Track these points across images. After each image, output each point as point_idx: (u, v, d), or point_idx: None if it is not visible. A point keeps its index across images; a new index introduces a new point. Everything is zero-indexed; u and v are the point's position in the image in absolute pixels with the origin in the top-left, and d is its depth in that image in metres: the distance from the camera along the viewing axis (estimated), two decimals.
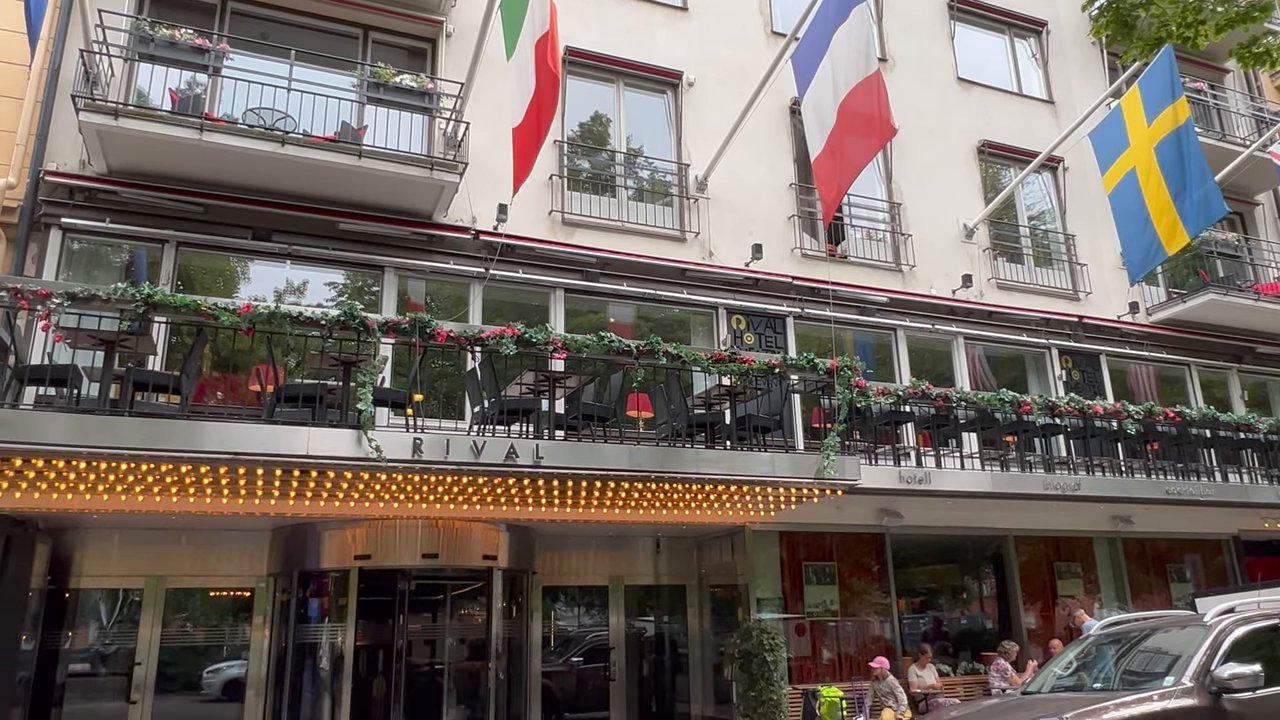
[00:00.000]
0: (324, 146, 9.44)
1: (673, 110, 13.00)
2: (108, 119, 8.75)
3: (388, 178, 9.75)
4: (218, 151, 9.16)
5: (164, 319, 7.89)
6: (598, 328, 11.07)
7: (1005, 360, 13.93)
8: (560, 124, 12.07)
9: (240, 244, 9.95)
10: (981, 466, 10.91)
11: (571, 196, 11.84)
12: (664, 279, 11.87)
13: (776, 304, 12.35)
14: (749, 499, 9.62)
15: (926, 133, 14.24)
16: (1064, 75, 15.95)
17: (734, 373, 9.12)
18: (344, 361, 7.74)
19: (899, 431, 11.32)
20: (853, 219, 13.55)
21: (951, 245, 13.85)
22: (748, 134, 12.32)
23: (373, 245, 10.46)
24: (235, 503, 8.48)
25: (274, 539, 9.97)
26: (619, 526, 10.75)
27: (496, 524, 10.06)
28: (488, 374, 8.52)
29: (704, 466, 8.66)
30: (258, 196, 9.92)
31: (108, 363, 7.40)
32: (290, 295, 10.43)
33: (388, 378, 9.62)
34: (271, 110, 9.44)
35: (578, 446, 8.35)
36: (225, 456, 7.14)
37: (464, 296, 11.01)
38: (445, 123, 10.67)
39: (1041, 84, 15.89)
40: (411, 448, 7.59)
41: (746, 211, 12.66)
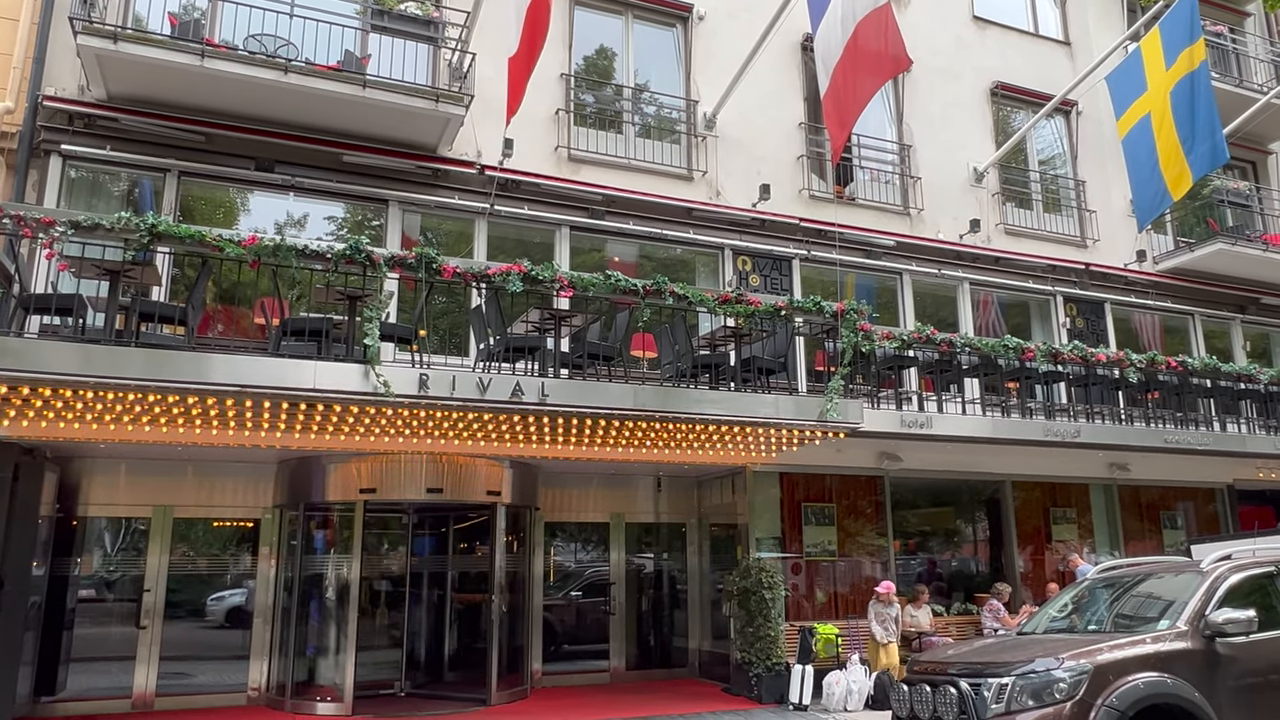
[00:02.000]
0: (327, 75, 9.25)
1: (682, 44, 12.71)
2: (106, 43, 8.54)
3: (392, 109, 9.58)
4: (219, 79, 8.98)
5: (168, 250, 7.79)
6: (601, 266, 11.00)
7: (1011, 307, 13.89)
8: (567, 56, 11.82)
9: (243, 174, 9.82)
10: (983, 412, 10.95)
11: (578, 132, 11.65)
12: (670, 218, 11.76)
13: (783, 246, 12.26)
14: (751, 440, 9.67)
15: (939, 72, 13.95)
16: (1082, 16, 15.56)
17: (740, 314, 9.07)
18: (350, 296, 7.68)
19: (902, 376, 11.34)
20: (861, 160, 13.36)
21: (960, 189, 13.69)
22: (758, 71, 12.07)
23: (377, 178, 10.33)
24: (241, 435, 8.51)
25: (280, 471, 10.04)
26: (621, 465, 10.84)
27: (500, 460, 10.13)
28: (493, 311, 8.48)
29: (708, 407, 8.68)
30: (260, 126, 9.76)
31: (112, 293, 7.34)
32: (290, 228, 10.32)
33: (393, 313, 9.60)
34: (274, 37, 9.23)
35: (583, 385, 8.35)
36: (232, 388, 7.13)
37: (468, 233, 10.91)
38: (451, 53, 10.42)
39: (1059, 24, 15.52)
40: (418, 384, 7.58)
41: (755, 151, 12.48)
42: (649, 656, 11.70)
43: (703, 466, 11.23)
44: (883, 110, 13.65)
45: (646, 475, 11.82)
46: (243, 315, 9.86)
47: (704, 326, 10.92)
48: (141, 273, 7.42)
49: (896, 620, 10.36)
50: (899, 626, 10.43)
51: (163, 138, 9.51)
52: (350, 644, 9.29)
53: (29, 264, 8.43)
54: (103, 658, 9.27)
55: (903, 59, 8.98)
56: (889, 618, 10.30)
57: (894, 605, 10.39)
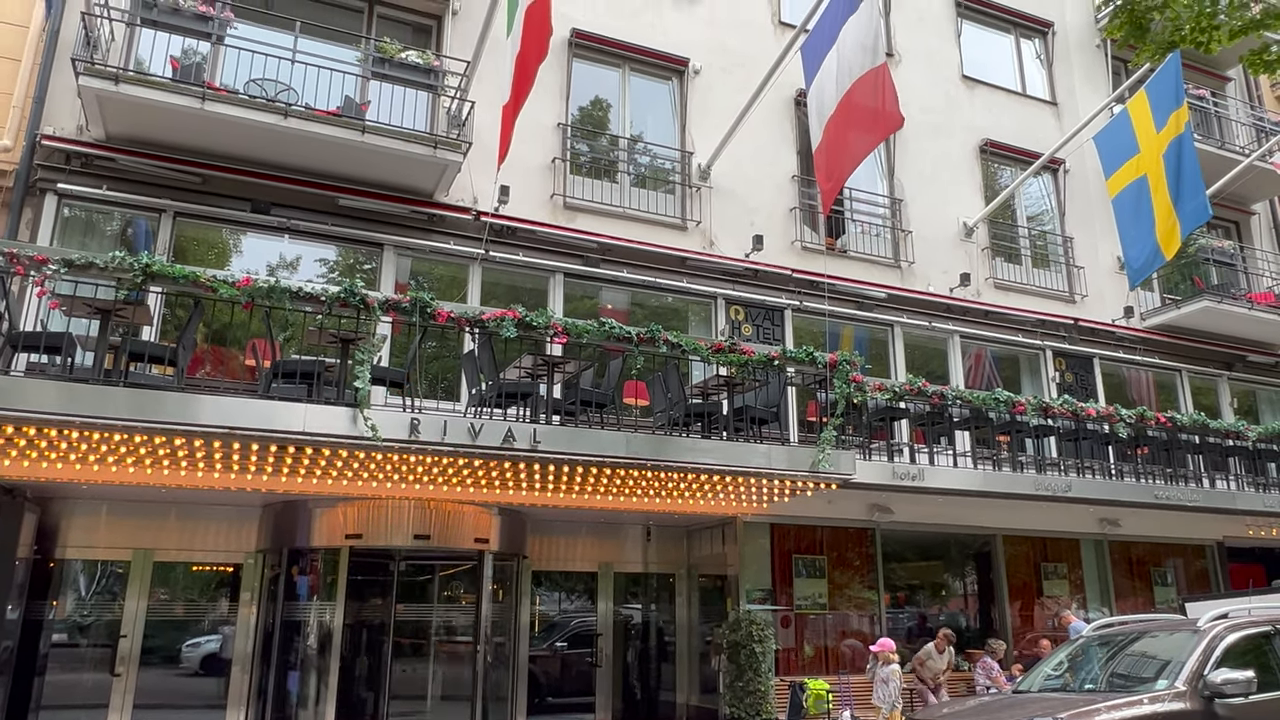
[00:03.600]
0: (326, 121, 9.36)
1: (677, 97, 12.94)
2: (108, 84, 8.64)
3: (390, 154, 9.68)
4: (218, 121, 9.07)
5: (161, 289, 7.80)
6: (595, 313, 11.05)
7: (1000, 360, 13.99)
8: (564, 107, 12.01)
9: (238, 216, 9.87)
10: (974, 465, 10.96)
11: (573, 181, 11.79)
12: (664, 267, 11.85)
13: (775, 296, 12.36)
14: (743, 490, 9.64)
15: (930, 129, 14.23)
16: (1068, 78, 15.97)
17: (733, 363, 9.11)
18: (342, 339, 7.69)
19: (894, 428, 11.36)
20: (854, 213, 13.54)
21: (951, 243, 13.88)
22: (752, 124, 12.29)
23: (372, 222, 10.40)
24: (227, 477, 8.43)
25: (264, 515, 9.92)
26: (611, 514, 10.77)
27: (489, 507, 10.05)
28: (487, 356, 8.49)
29: (700, 456, 8.68)
30: (257, 169, 9.84)
31: (103, 332, 7.32)
32: (283, 270, 10.34)
33: (385, 357, 9.59)
34: (274, 82, 9.35)
35: (575, 432, 8.33)
36: (220, 430, 7.09)
37: (462, 278, 10.95)
38: (450, 101, 10.58)
39: (1045, 85, 15.90)
40: (408, 428, 7.56)
41: (748, 202, 12.64)
42: (635, 710, 11.48)
43: (693, 516, 11.16)
44: (874, 165, 13.88)
45: (636, 524, 11.73)
46: (233, 357, 9.83)
47: (697, 375, 10.96)
48: (133, 312, 7.42)
49: (888, 681, 9.90)
50: (901, 683, 10.00)
51: (159, 178, 9.57)
52: (331, 694, 9.08)
53: (19, 301, 8.40)
54: (75, 706, 9.02)
55: (896, 117, 9.18)
56: (890, 678, 9.77)
57: (893, 664, 9.88)
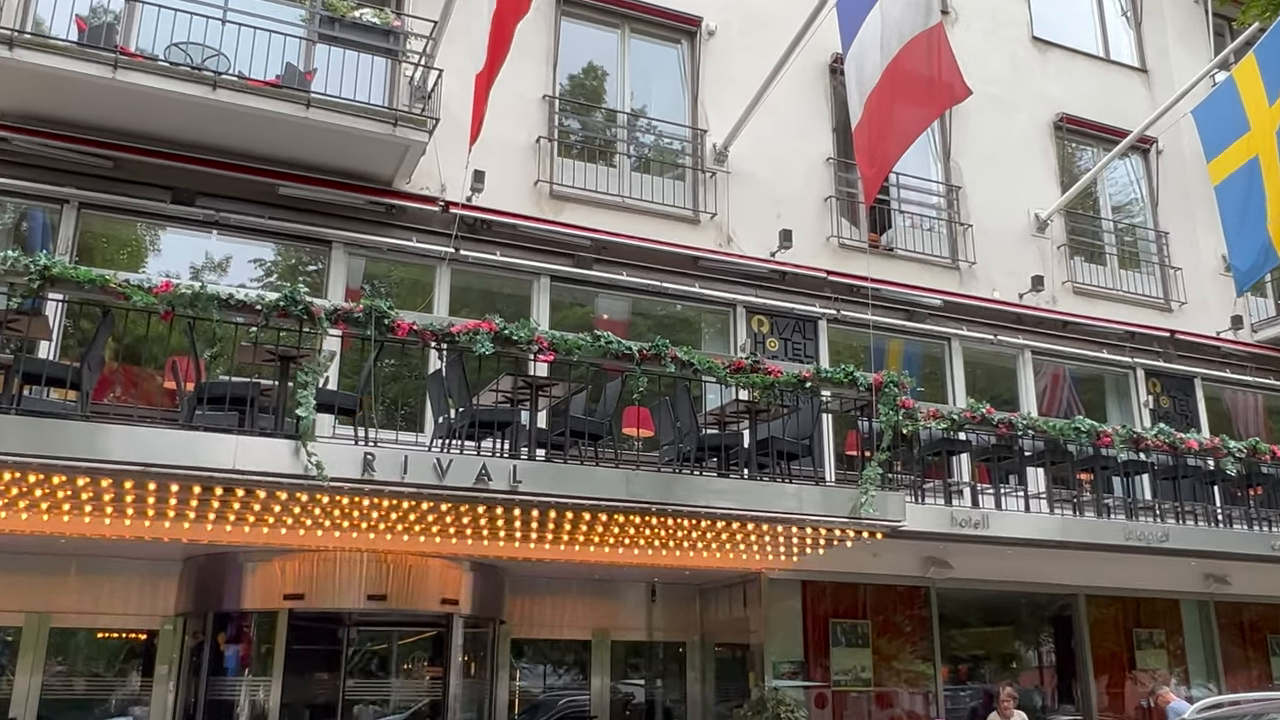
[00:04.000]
0: (264, 93, 9.33)
1: (688, 64, 12.94)
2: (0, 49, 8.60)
3: (340, 133, 9.65)
4: (133, 94, 9.05)
5: (62, 296, 7.72)
6: (588, 325, 10.98)
7: (1081, 381, 13.90)
8: (550, 75, 11.99)
9: (156, 207, 9.85)
10: (1050, 509, 10.84)
11: (562, 164, 11.76)
12: (671, 268, 11.81)
13: (807, 304, 12.31)
14: (768, 540, 9.56)
15: (993, 102, 14.20)
16: (1160, 39, 15.96)
17: (756, 385, 9.04)
18: (282, 356, 7.61)
19: (951, 463, 11.25)
20: (902, 204, 13.49)
21: (1019, 240, 13.83)
22: (778, 96, 12.24)
23: (319, 215, 10.38)
24: (140, 525, 8.36)
25: (185, 571, 9.85)
26: (608, 569, 10.66)
27: (459, 561, 9.97)
28: (457, 377, 8.40)
29: (716, 498, 8.61)
30: (181, 151, 9.83)
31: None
32: (210, 273, 10.30)
33: (333, 378, 9.49)
34: (201, 46, 9.32)
35: (563, 469, 8.25)
36: (134, 467, 7.02)
37: (426, 282, 10.90)
38: (413, 69, 10.54)
39: (1133, 48, 15.90)
40: (361, 464, 7.48)
41: (774, 190, 12.61)
42: None
43: (707, 572, 11.06)
44: (926, 145, 13.85)
45: (638, 582, 11.62)
46: (149, 378, 9.76)
47: (712, 400, 10.86)
48: (28, 324, 7.36)
49: None
50: None
51: (62, 162, 9.55)
52: None
53: None
54: None
55: (956, 88, 9.13)
56: None
57: None
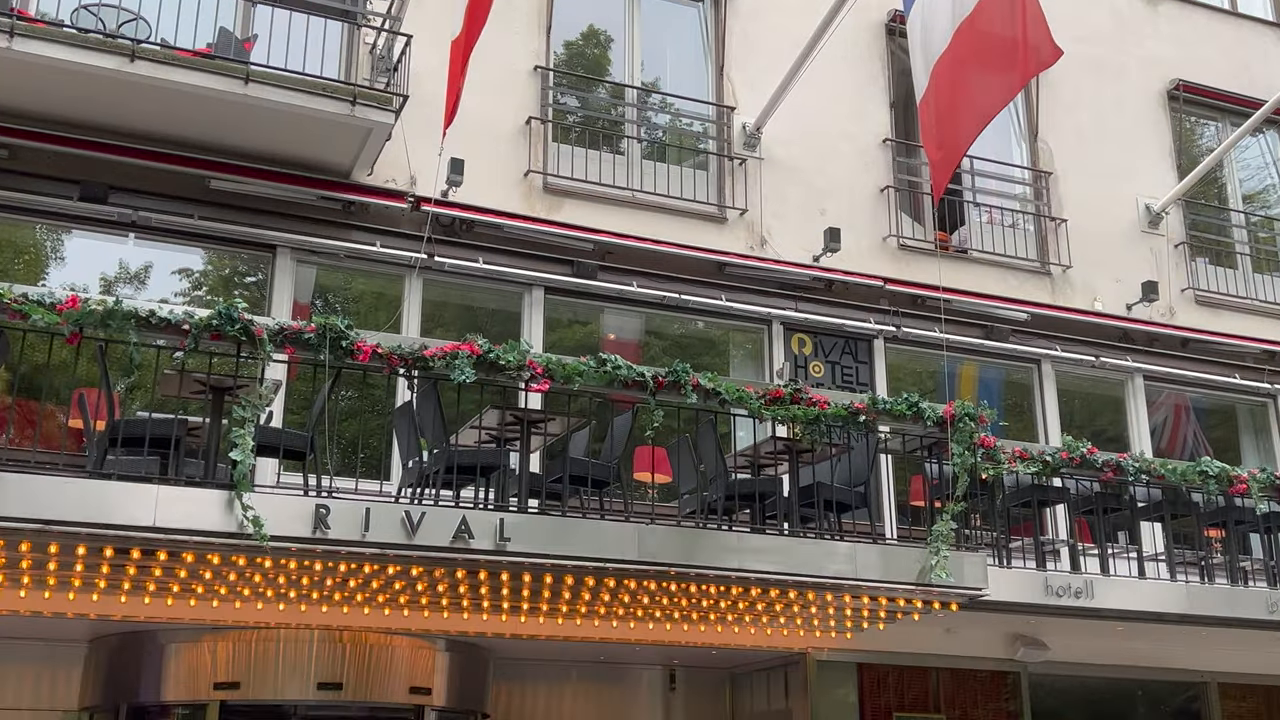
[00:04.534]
0: (192, 64, 9.52)
1: (711, 28, 13.13)
2: None
3: (286, 113, 9.84)
4: (32, 67, 9.24)
5: None
6: (592, 346, 11.10)
7: (1208, 413, 13.93)
8: (544, 42, 12.22)
9: (61, 205, 10.04)
10: (1170, 574, 10.86)
11: (557, 151, 11.95)
12: (693, 277, 11.95)
13: (860, 319, 12.42)
14: (814, 611, 9.59)
15: (1091, 66, 14.37)
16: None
17: (797, 419, 9.11)
18: (214, 387, 7.75)
19: (1043, 516, 11.29)
20: (977, 194, 13.60)
21: (1127, 237, 13.93)
22: (823, 65, 12.37)
23: (260, 214, 10.56)
24: (39, 597, 8.44)
25: (92, 654, 9.94)
26: (617, 648, 10.72)
27: (433, 640, 10.03)
28: (431, 411, 8.52)
29: (749, 560, 8.65)
30: (91, 137, 10.03)
31: None
32: (124, 286, 10.48)
33: (278, 413, 9.65)
34: (116, 9, 9.56)
35: (561, 523, 8.33)
36: (29, 525, 7.10)
37: (393, 294, 11.08)
38: (375, 36, 10.78)
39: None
40: (312, 520, 7.55)
41: (817, 180, 12.75)
42: None
43: (739, 652, 11.10)
44: (1008, 123, 13.99)
45: (653, 665, 11.68)
46: (50, 415, 9.90)
47: (743, 438, 10.96)
48: None
49: None
50: None
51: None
52: None
53: None
54: None
55: (1046, 50, 9.25)
56: None
57: None
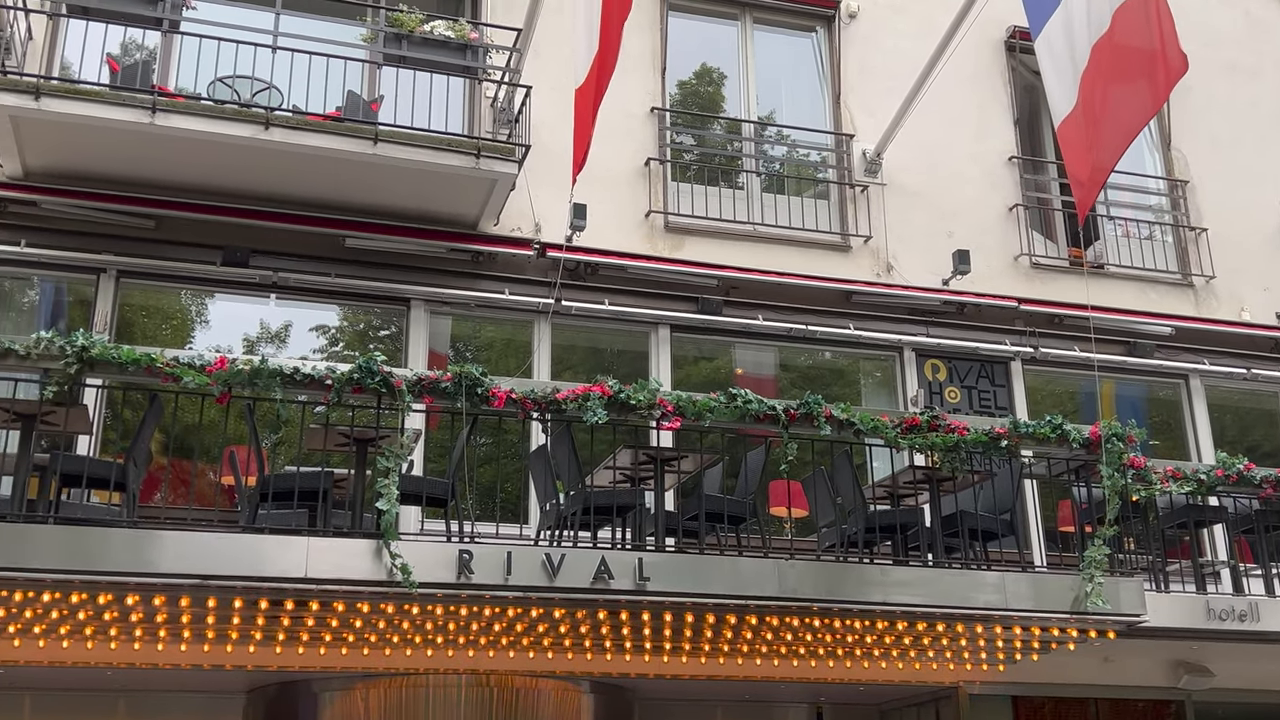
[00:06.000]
0: (323, 128, 9.84)
1: (825, 56, 13.12)
2: (25, 100, 9.29)
3: (414, 170, 10.07)
4: (175, 141, 9.63)
5: (101, 381, 8.23)
6: (719, 381, 11.07)
7: None
8: (659, 83, 12.32)
9: (206, 271, 10.41)
10: None
11: (677, 191, 12.03)
12: (819, 307, 11.89)
13: (994, 341, 12.23)
14: (964, 643, 9.41)
15: (1224, 72, 14.02)
16: None
17: (936, 447, 8.97)
18: (358, 439, 7.92)
19: (1201, 538, 10.91)
20: (1110, 208, 13.29)
21: (1271, 244, 13.55)
22: (943, 86, 12.23)
23: (394, 269, 10.82)
24: (199, 650, 8.67)
25: (250, 705, 10.15)
26: (761, 685, 10.62)
27: (577, 681, 10.06)
28: (565, 453, 8.59)
29: (893, 592, 8.55)
30: (229, 203, 10.40)
31: (24, 446, 7.74)
32: (266, 345, 10.81)
33: (418, 462, 9.82)
34: (250, 79, 9.90)
35: (700, 561, 8.32)
36: (189, 581, 7.31)
37: (520, 341, 11.25)
38: (495, 89, 10.99)
39: None
40: (456, 565, 7.65)
41: (943, 202, 12.64)
42: None
43: (888, 687, 10.91)
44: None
45: (799, 703, 11.56)
46: (202, 473, 10.23)
47: (879, 468, 10.84)
48: (66, 417, 7.83)
49: None
50: None
51: (98, 225, 10.21)
52: None
53: None
54: None
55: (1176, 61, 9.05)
56: None
57: None
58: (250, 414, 8.27)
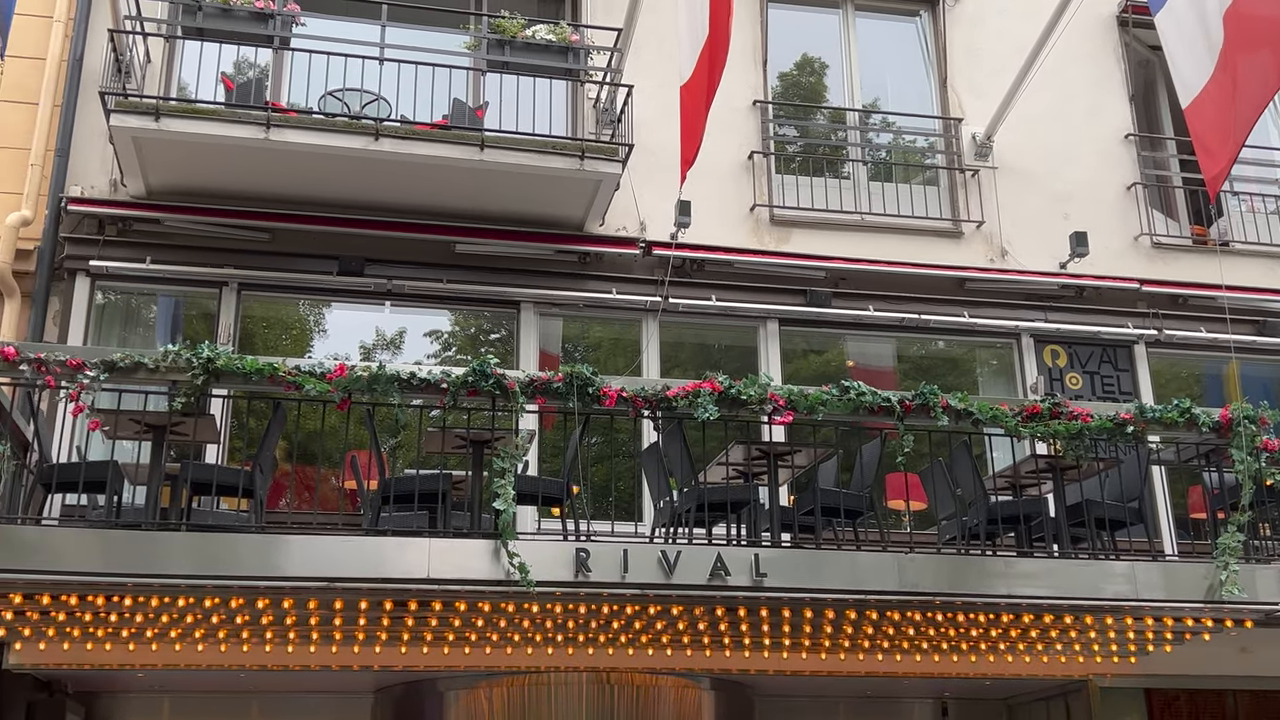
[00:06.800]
0: (431, 136, 10.00)
1: (930, 40, 12.99)
2: (146, 120, 9.64)
3: (520, 174, 10.20)
4: (289, 154, 9.91)
5: (226, 391, 8.48)
6: (829, 374, 11.03)
7: None
8: (760, 76, 12.30)
9: (323, 281, 10.67)
10: None
11: (782, 183, 11.98)
12: (931, 295, 11.76)
13: (1115, 324, 11.98)
14: (1093, 635, 9.23)
15: None
16: None
17: (1059, 435, 8.80)
18: (474, 441, 8.04)
19: None
20: (1233, 182, 12.88)
21: None
22: (1053, 65, 11.98)
23: (502, 273, 10.97)
24: (328, 651, 8.87)
25: (378, 706, 10.34)
26: (883, 681, 10.49)
27: (697, 679, 10.05)
28: (677, 450, 8.62)
29: (1018, 585, 8.43)
30: (342, 214, 10.65)
31: (156, 457, 8.02)
32: (382, 351, 11.04)
33: (532, 463, 9.93)
34: (359, 91, 10.13)
35: (817, 556, 8.31)
36: (315, 584, 7.51)
37: (628, 339, 11.32)
38: (597, 89, 11.06)
39: None
40: (573, 564, 7.72)
41: (1057, 183, 12.42)
42: None
43: (1014, 681, 10.68)
44: None
45: (924, 698, 11.44)
46: (324, 478, 10.45)
47: (999, 459, 10.70)
48: (194, 427, 8.10)
49: None
50: None
51: (218, 240, 10.54)
52: None
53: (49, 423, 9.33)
54: None
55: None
56: None
57: None
58: (370, 419, 8.46)
